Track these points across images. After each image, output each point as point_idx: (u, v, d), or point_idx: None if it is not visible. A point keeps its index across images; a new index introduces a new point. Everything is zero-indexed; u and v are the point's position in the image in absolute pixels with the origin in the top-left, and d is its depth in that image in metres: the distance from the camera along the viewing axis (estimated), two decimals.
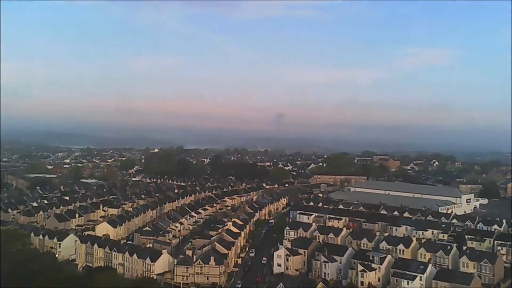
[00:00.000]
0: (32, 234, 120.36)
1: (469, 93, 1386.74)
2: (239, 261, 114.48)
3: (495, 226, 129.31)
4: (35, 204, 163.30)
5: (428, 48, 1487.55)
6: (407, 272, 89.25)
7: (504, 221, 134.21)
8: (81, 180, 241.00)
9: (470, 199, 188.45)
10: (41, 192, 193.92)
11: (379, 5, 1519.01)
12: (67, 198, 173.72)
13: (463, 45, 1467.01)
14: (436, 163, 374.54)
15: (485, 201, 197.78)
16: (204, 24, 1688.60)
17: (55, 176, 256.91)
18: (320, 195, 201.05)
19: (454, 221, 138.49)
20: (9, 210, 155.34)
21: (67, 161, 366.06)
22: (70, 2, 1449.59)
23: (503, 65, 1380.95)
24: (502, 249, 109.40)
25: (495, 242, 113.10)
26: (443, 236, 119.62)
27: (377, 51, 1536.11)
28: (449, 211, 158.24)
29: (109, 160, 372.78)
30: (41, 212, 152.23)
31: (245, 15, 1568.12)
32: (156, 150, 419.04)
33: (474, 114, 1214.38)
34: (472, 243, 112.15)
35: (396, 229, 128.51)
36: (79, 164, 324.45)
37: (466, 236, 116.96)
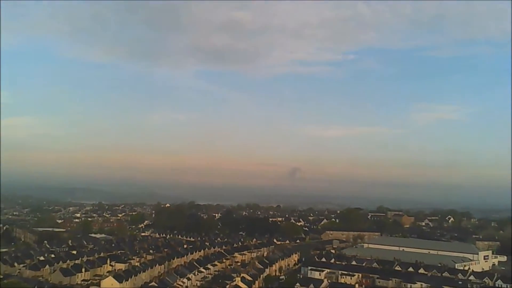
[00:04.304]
0: None
1: (484, 148, 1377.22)
2: None
3: None
4: (41, 258, 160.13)
5: (440, 104, 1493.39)
6: None
7: None
8: (90, 234, 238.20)
9: (487, 255, 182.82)
10: (48, 246, 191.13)
11: (391, 62, 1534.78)
12: (75, 252, 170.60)
13: (476, 101, 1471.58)
14: (452, 219, 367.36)
15: (503, 258, 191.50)
16: (217, 81, 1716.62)
17: (64, 230, 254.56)
18: (333, 251, 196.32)
19: (472, 278, 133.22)
20: (15, 264, 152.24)
21: (78, 215, 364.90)
22: (85, 60, 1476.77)
23: None
24: None
25: None
26: None
27: (389, 107, 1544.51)
28: (466, 268, 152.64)
29: (120, 215, 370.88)
30: (47, 266, 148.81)
31: (260, 71, 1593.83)
32: (168, 205, 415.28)
33: (489, 170, 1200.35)
34: None
35: (411, 286, 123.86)
36: (89, 219, 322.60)
37: None
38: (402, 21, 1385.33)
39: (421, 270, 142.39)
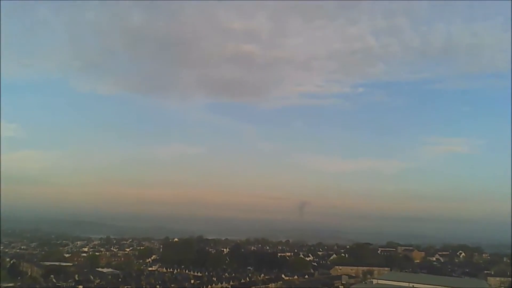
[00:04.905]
0: None
1: (495, 181, 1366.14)
2: None
3: None
4: None
5: (449, 137, 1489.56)
6: None
7: None
8: (97, 269, 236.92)
9: None
10: (55, 280, 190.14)
11: (400, 94, 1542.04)
12: (81, 287, 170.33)
13: (486, 134, 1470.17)
14: (463, 254, 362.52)
15: None
16: (226, 113, 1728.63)
17: (71, 264, 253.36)
18: (341, 286, 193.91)
19: None
20: None
21: (85, 249, 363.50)
22: (95, 93, 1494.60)
23: None
24: None
25: None
26: None
27: (398, 140, 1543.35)
28: None
29: (127, 249, 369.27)
30: None
31: (268, 104, 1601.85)
32: (176, 239, 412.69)
33: (501, 204, 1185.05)
34: None
35: None
36: (96, 253, 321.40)
37: None
38: (410, 54, 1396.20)
39: None
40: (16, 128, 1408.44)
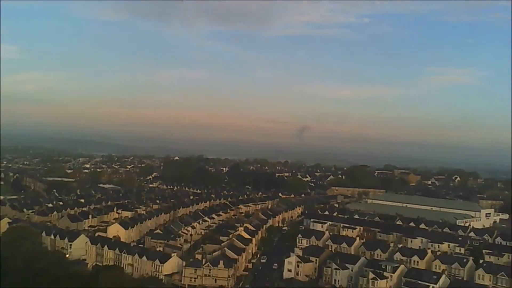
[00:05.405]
0: (44, 234, 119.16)
1: (495, 110, 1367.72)
2: (250, 266, 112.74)
3: None
4: (50, 205, 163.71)
5: (452, 68, 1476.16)
6: (419, 282, 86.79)
7: None
8: (98, 184, 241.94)
9: (490, 213, 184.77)
10: (57, 194, 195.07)
11: (405, 26, 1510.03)
12: (82, 201, 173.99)
13: (489, 65, 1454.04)
14: (458, 178, 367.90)
15: (505, 216, 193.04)
16: (229, 40, 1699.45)
17: (73, 180, 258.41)
18: (336, 205, 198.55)
19: (472, 234, 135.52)
20: (24, 210, 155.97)
21: (87, 166, 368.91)
22: (98, 18, 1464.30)
23: None
24: None
25: None
26: (460, 250, 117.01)
27: (401, 69, 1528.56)
28: (467, 225, 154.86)
29: (129, 166, 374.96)
30: (55, 212, 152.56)
31: (272, 32, 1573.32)
32: (176, 158, 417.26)
33: (500, 132, 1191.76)
34: (489, 257, 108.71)
35: (411, 241, 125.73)
36: (98, 169, 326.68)
37: (484, 250, 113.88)
38: None
39: (422, 226, 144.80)
40: (16, 50, 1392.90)
